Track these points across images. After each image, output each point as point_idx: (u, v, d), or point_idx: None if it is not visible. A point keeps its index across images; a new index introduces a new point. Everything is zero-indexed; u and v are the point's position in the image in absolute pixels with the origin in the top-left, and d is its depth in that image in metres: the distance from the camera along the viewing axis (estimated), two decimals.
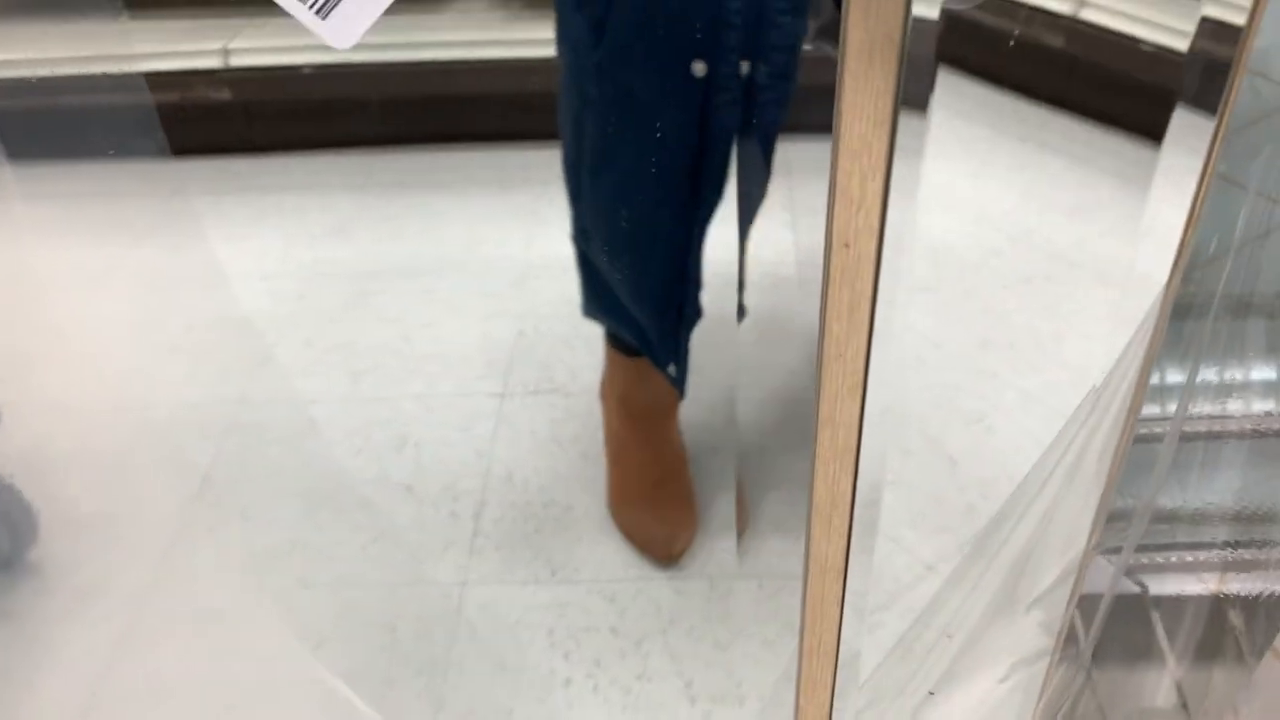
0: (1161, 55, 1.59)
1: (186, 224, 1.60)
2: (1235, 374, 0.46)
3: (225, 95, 1.74)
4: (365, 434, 1.22)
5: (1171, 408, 0.43)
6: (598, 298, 0.99)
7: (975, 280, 1.41)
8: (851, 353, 0.27)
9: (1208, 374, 0.46)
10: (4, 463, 1.10)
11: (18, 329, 1.25)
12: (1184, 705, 0.46)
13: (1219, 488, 0.47)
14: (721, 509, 1.09)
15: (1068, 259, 1.45)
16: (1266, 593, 0.44)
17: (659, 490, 1.06)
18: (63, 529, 1.15)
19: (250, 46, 1.74)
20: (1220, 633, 0.47)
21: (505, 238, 1.53)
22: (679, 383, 0.98)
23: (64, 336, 1.31)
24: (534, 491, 1.13)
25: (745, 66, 0.77)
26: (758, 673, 0.94)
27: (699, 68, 0.77)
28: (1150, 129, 1.65)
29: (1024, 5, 1.62)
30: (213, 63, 1.74)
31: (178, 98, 1.73)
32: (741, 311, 0.98)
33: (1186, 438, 0.45)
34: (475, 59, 1.71)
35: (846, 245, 0.25)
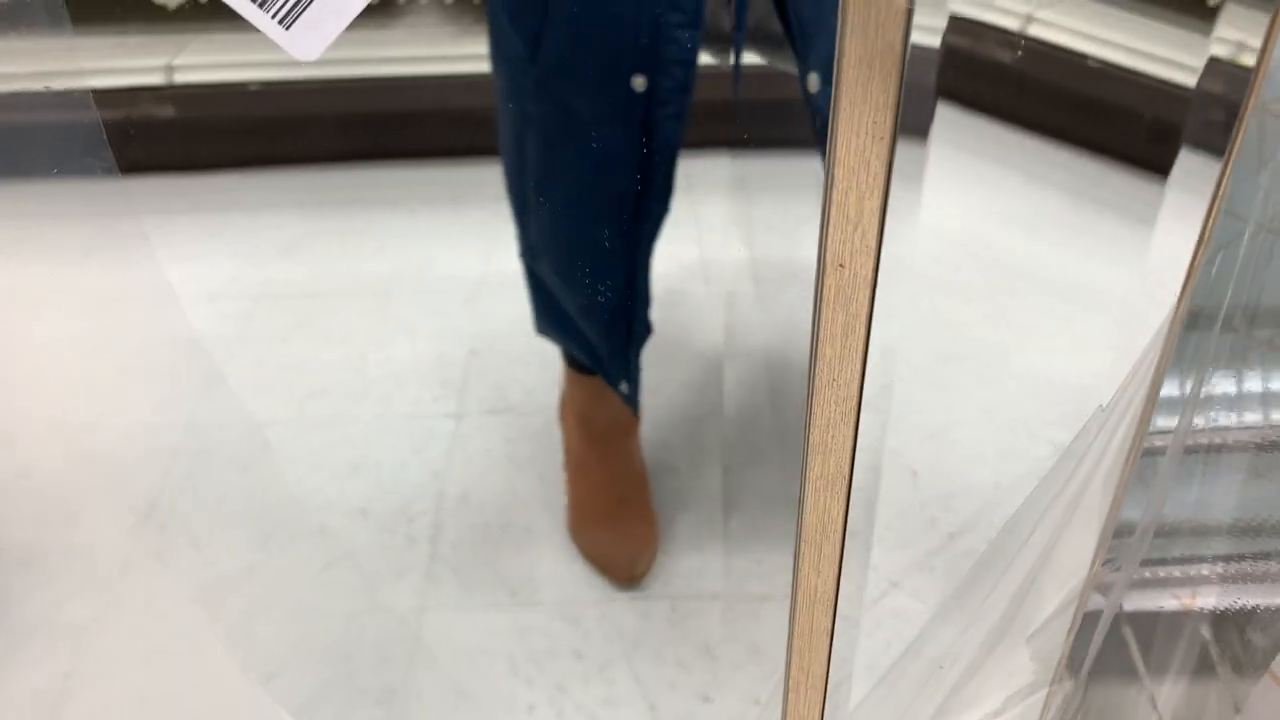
0: (1109, 72, 1.61)
1: (132, 244, 1.56)
2: (1235, 388, 0.46)
3: (169, 112, 1.70)
4: (318, 457, 1.19)
5: (1173, 422, 0.43)
6: (549, 315, 0.98)
7: (935, 293, 1.42)
8: (845, 378, 0.26)
9: (1209, 387, 0.46)
10: None
11: None
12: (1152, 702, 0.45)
13: (1217, 501, 0.46)
14: (683, 528, 1.08)
15: (1023, 272, 1.46)
16: (1263, 606, 0.44)
17: (620, 510, 1.04)
18: (3, 562, 1.11)
19: (195, 63, 1.71)
20: (1217, 648, 0.47)
21: (458, 255, 1.51)
22: (632, 401, 0.97)
23: (5, 359, 1.27)
24: (492, 513, 1.11)
25: (641, 82, 0.76)
26: (724, 695, 0.93)
27: (639, 82, 0.76)
28: (1101, 145, 1.67)
29: (975, 23, 1.63)
30: (156, 79, 1.70)
31: (122, 115, 1.69)
32: (648, 329, 0.96)
33: (1189, 450, 0.45)
34: (426, 74, 1.70)
35: (841, 265, 0.24)
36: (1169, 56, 1.58)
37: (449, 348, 1.33)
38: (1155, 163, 1.62)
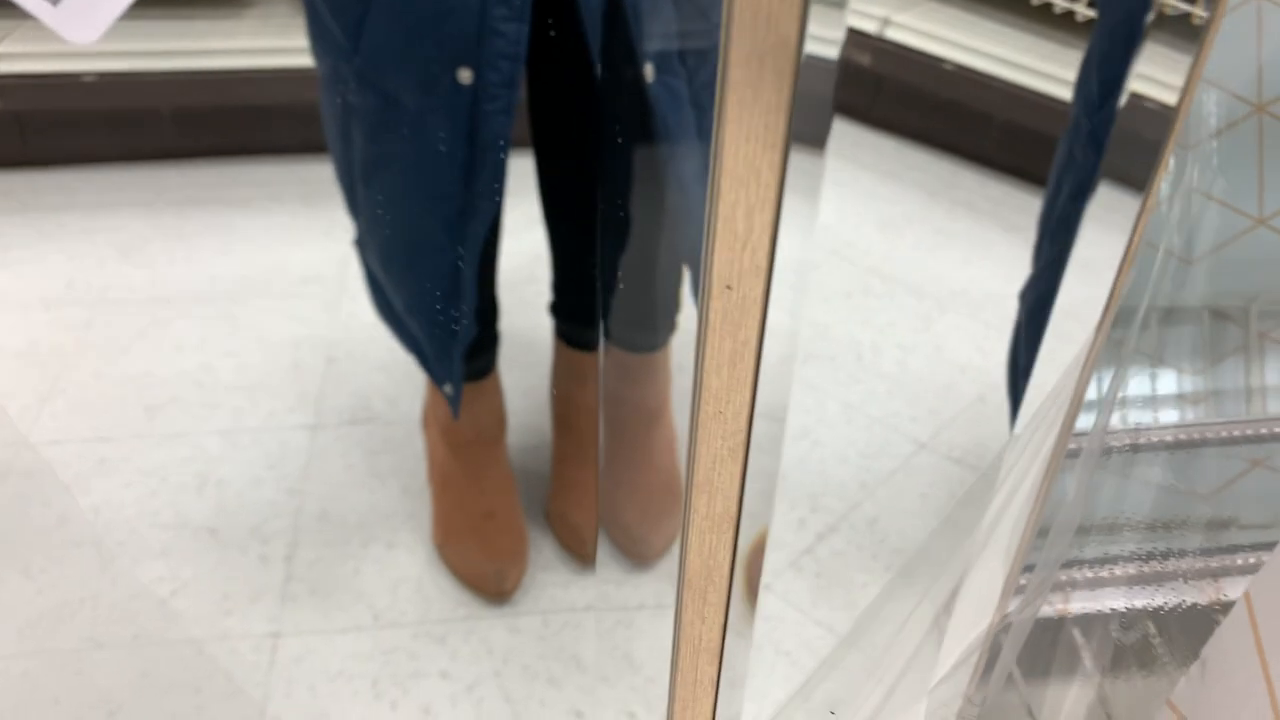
0: (964, 75, 1.65)
1: None
2: (1147, 388, 0.46)
3: None
4: (162, 474, 1.12)
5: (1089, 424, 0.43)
6: (379, 308, 0.95)
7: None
8: (733, 410, 0.24)
9: (1125, 389, 0.46)
10: None
11: None
12: (1108, 717, 0.45)
13: (1133, 500, 0.47)
14: (553, 539, 1.05)
15: (881, 272, 1.48)
16: (1181, 604, 0.45)
17: (487, 523, 1.01)
18: None
19: (22, 51, 1.59)
20: (1139, 647, 0.48)
21: (313, 258, 1.45)
22: (454, 403, 0.94)
23: None
24: (352, 529, 1.07)
25: (467, 75, 0.74)
26: (597, 710, 0.91)
27: (465, 75, 0.74)
28: (956, 146, 1.71)
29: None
30: None
31: None
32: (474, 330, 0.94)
33: (1105, 451, 0.45)
34: (277, 67, 1.62)
35: (729, 287, 0.22)
36: (1023, 62, 1.63)
37: (305, 356, 1.27)
38: (1009, 165, 1.67)
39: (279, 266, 1.42)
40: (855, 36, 1.71)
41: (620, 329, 1.05)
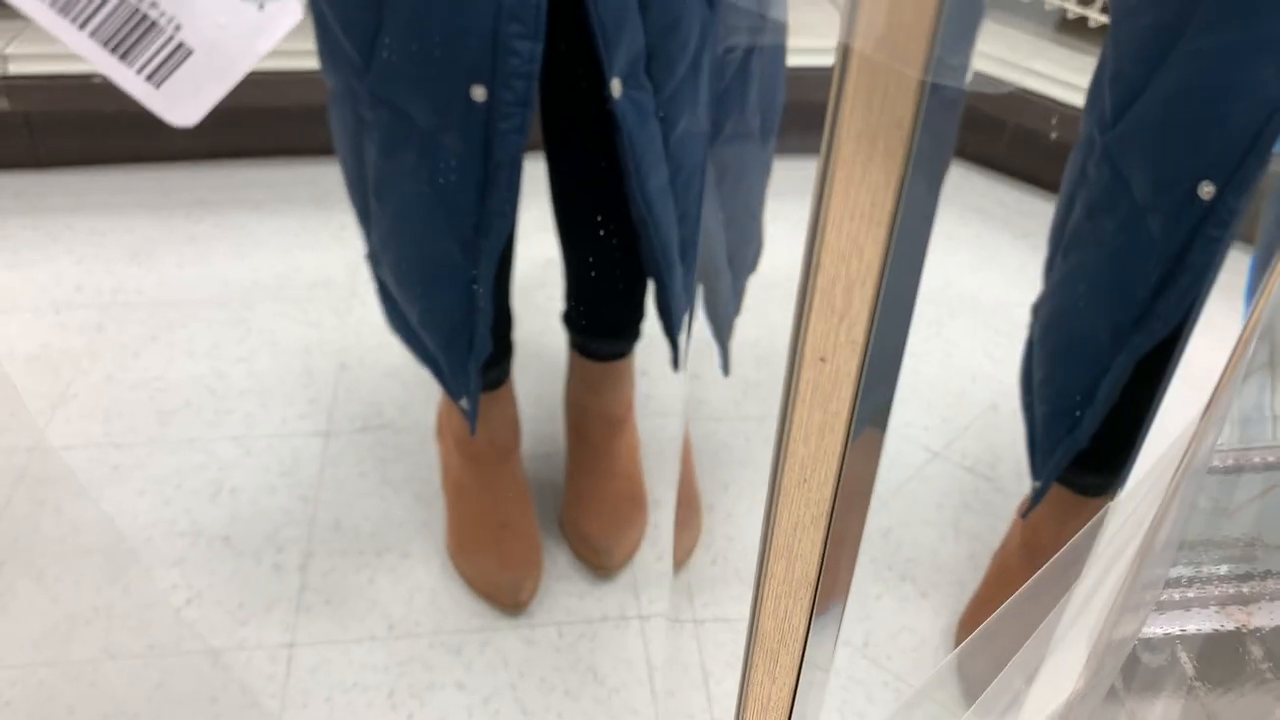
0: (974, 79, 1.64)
1: None
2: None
3: (3, 105, 1.58)
4: (176, 481, 1.12)
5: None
6: (394, 319, 0.95)
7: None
8: (819, 480, 0.24)
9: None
10: None
11: None
12: None
13: (1238, 518, 0.46)
14: (569, 550, 1.05)
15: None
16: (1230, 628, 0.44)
17: (502, 533, 1.01)
18: None
19: (31, 52, 1.59)
20: (1242, 665, 0.47)
21: (325, 262, 1.44)
22: (470, 418, 0.93)
23: None
24: (365, 539, 1.06)
25: (481, 93, 0.73)
26: None
27: (479, 93, 0.73)
28: (965, 151, 1.70)
29: None
30: None
31: None
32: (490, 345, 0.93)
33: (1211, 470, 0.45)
34: (287, 69, 1.62)
35: (823, 359, 0.22)
36: (1035, 67, 1.63)
37: (317, 362, 1.27)
38: (1020, 170, 1.67)
39: (290, 270, 1.42)
40: None
41: (584, 338, 1.05)
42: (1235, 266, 0.76)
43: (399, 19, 0.71)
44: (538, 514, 1.06)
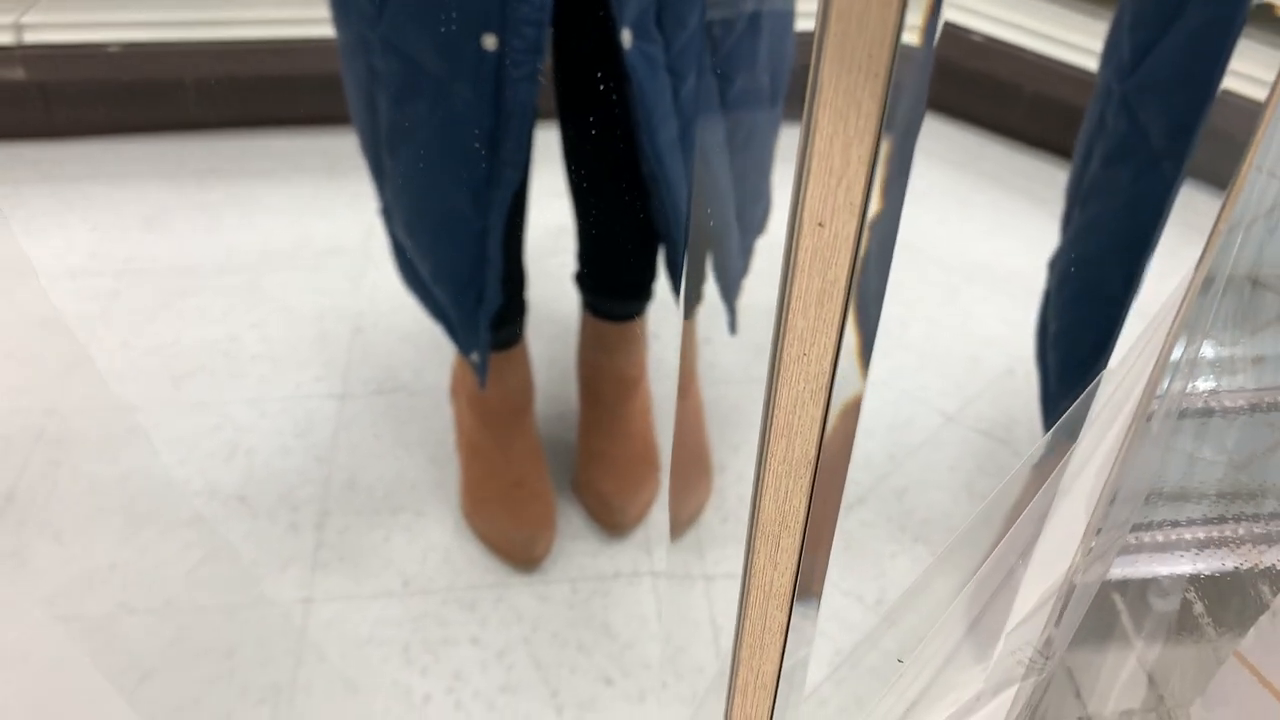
0: (992, 47, 1.63)
1: None
2: (1234, 350, 0.45)
3: (19, 75, 1.58)
4: (191, 443, 1.13)
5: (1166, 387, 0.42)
6: (405, 276, 0.95)
7: None
8: (818, 351, 0.24)
9: (1207, 350, 0.45)
10: None
11: None
12: (1152, 681, 0.45)
13: (1204, 465, 0.46)
14: (581, 507, 1.05)
15: (908, 245, 1.47)
16: (1244, 567, 0.44)
17: (516, 492, 1.01)
18: None
19: (46, 21, 1.59)
20: (1189, 615, 0.47)
21: (337, 229, 1.44)
22: (480, 372, 0.93)
23: None
24: (380, 498, 1.07)
25: (492, 41, 0.73)
26: (626, 677, 0.91)
27: (490, 41, 0.73)
28: (980, 118, 1.69)
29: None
30: (3, 39, 1.58)
31: None
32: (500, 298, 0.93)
33: (1182, 415, 0.44)
34: (299, 37, 1.62)
35: (821, 224, 0.22)
36: (1052, 33, 1.61)
37: (331, 326, 1.27)
38: (1036, 137, 1.66)
39: (303, 237, 1.42)
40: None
41: (596, 298, 1.05)
42: None
43: None
44: (551, 474, 1.06)
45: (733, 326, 1.03)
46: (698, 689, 0.90)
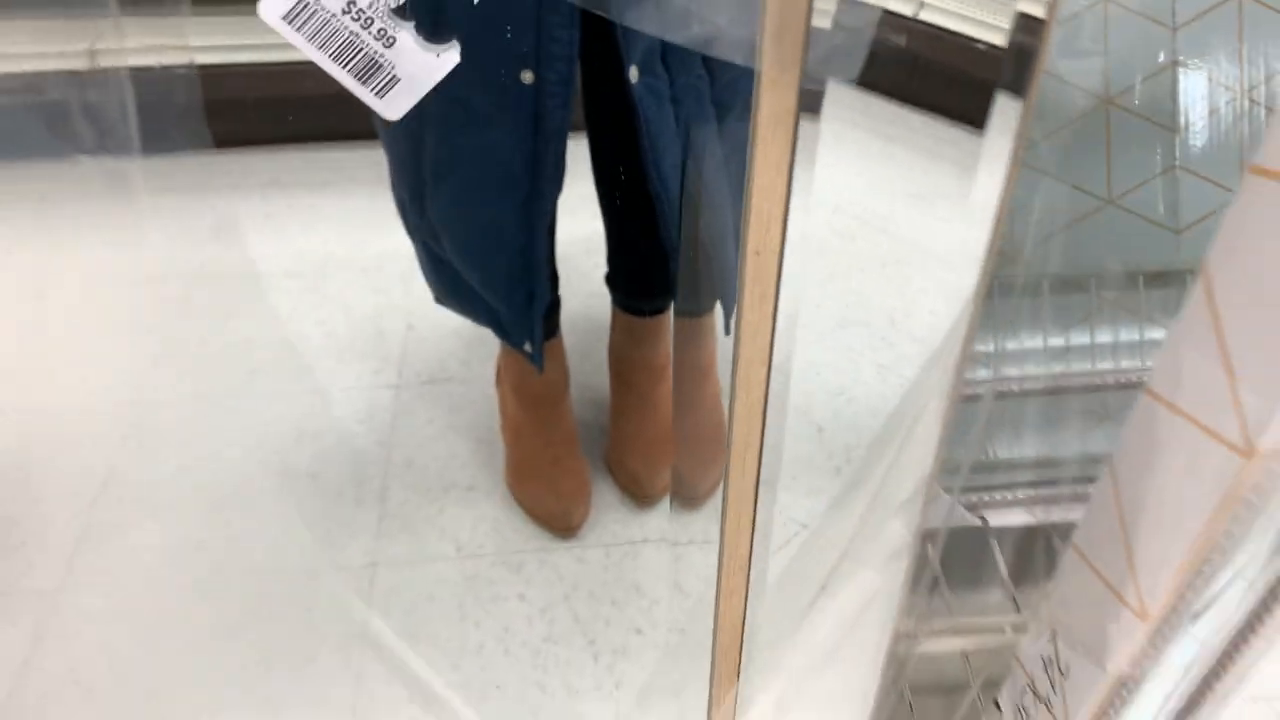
0: (993, 54, 1.74)
1: (66, 227, 1.60)
2: (1037, 341, 0.56)
3: (93, 98, 1.73)
4: (264, 429, 1.27)
5: (988, 371, 0.54)
6: (448, 288, 1.07)
7: (834, 264, 1.54)
8: (762, 334, 0.36)
9: (1017, 343, 0.56)
10: None
11: None
12: (1014, 601, 0.57)
13: (1025, 439, 0.58)
14: (613, 483, 1.18)
15: (913, 242, 1.58)
16: (1060, 521, 0.56)
17: (555, 468, 1.14)
18: None
19: (118, 48, 1.73)
20: (1035, 551, 0.59)
21: (390, 235, 1.57)
22: (536, 360, 1.05)
23: None
24: (434, 476, 1.20)
25: (529, 76, 0.84)
26: (653, 627, 1.04)
27: (528, 76, 0.84)
28: (977, 119, 1.80)
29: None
30: (79, 64, 1.73)
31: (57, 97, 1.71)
32: (549, 294, 1.04)
33: (1000, 396, 0.56)
34: None
35: (757, 253, 0.34)
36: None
37: (387, 323, 1.41)
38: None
39: (359, 243, 1.56)
40: (891, 18, 1.80)
41: (625, 296, 1.18)
42: None
43: (456, 18, 0.84)
44: (586, 452, 1.19)
45: (727, 329, 1.15)
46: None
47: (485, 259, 0.98)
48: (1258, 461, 0.29)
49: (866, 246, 1.58)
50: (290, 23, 0.36)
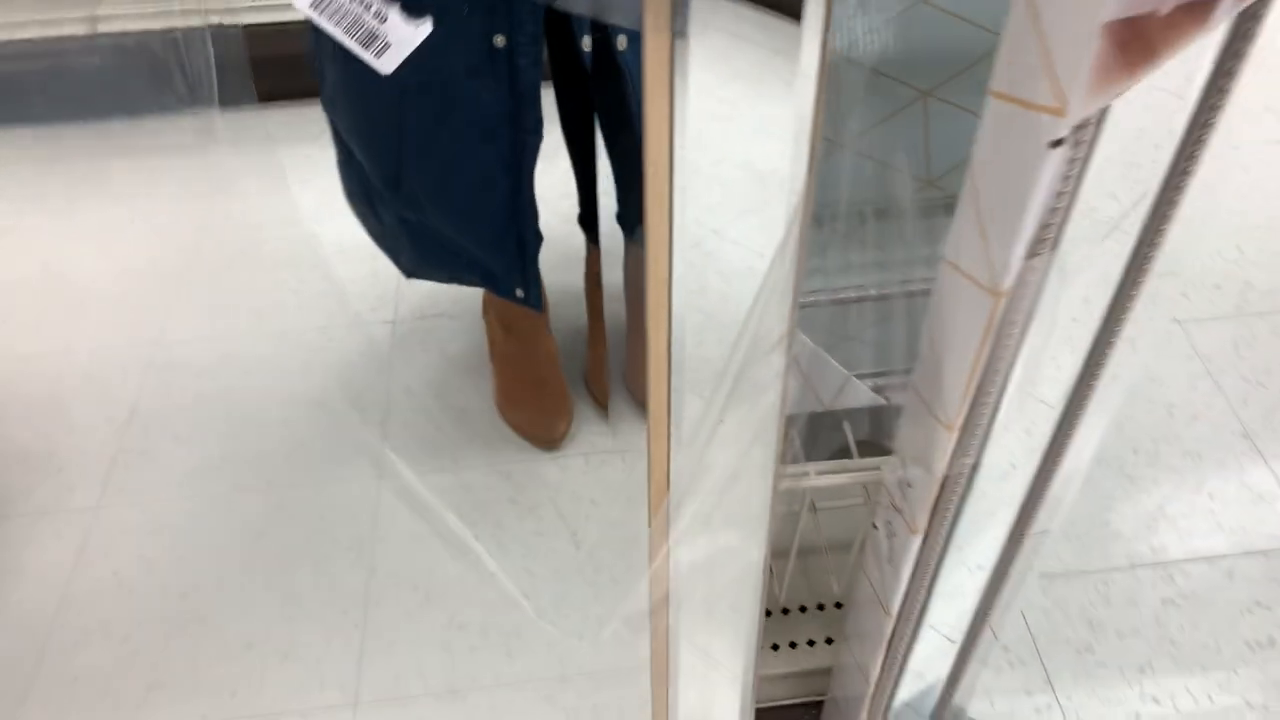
0: None
1: (71, 187, 1.71)
2: (858, 258, 0.69)
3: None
4: (275, 363, 1.39)
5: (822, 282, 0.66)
6: (426, 258, 1.15)
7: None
8: (660, 233, 0.48)
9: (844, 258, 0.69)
10: None
11: None
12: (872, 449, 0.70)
13: (867, 337, 0.71)
14: (589, 401, 1.31)
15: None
16: (890, 404, 0.69)
17: (538, 388, 1.27)
18: (8, 464, 1.29)
19: (180, 9, 1.83)
20: (879, 426, 0.73)
21: None
22: (532, 303, 1.14)
23: None
24: (431, 400, 1.33)
25: (501, 40, 0.93)
26: (629, 520, 1.18)
27: (500, 40, 0.93)
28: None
29: None
30: (195, 21, 1.83)
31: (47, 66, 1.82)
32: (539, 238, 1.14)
33: (838, 304, 0.69)
34: None
35: (653, 166, 0.46)
36: None
37: (382, 265, 1.52)
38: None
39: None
40: None
41: (595, 234, 1.29)
42: None
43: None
44: (566, 373, 1.32)
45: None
46: None
47: (474, 216, 1.06)
48: (1001, 299, 0.42)
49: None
50: (315, 9, 0.47)
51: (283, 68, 1.88)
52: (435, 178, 1.04)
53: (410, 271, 1.19)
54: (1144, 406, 1.23)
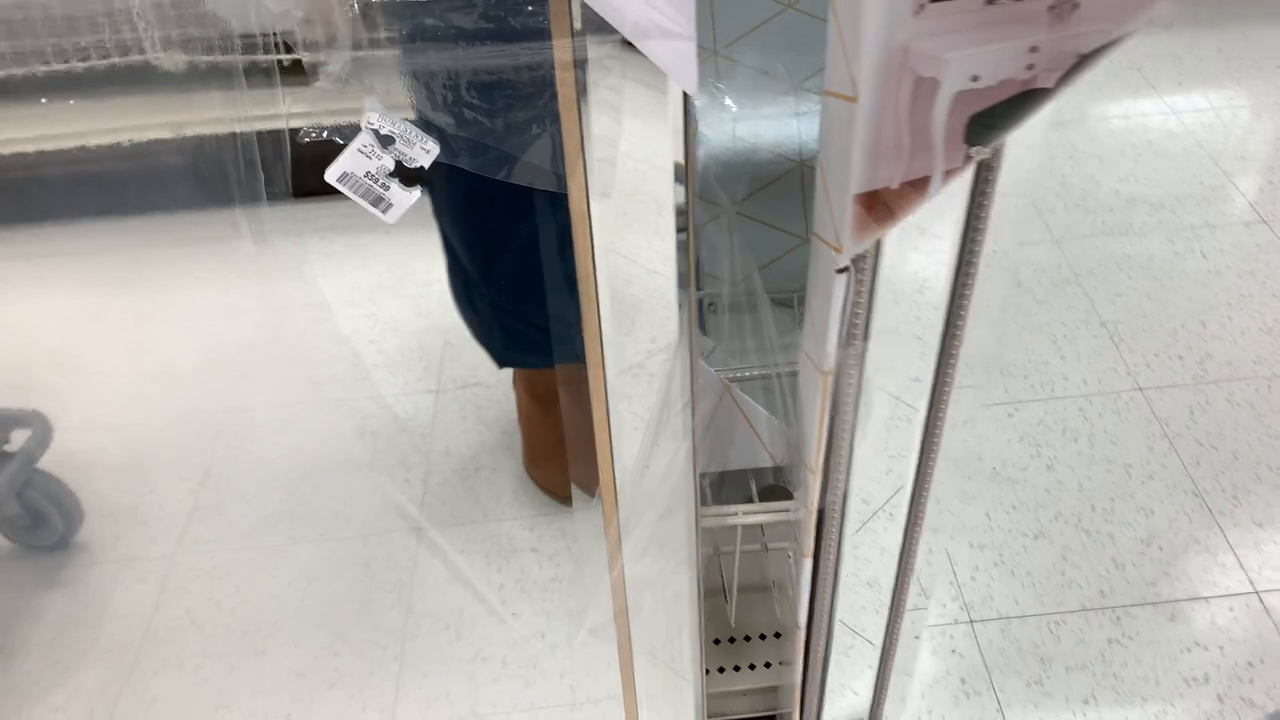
0: None
1: (155, 272, 1.92)
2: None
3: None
4: (330, 428, 1.57)
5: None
6: (522, 346, 1.31)
7: None
8: (592, 312, 0.63)
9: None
10: (53, 464, 1.43)
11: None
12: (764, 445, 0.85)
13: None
14: None
15: None
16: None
17: (559, 451, 1.43)
18: (99, 516, 1.47)
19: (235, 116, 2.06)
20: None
21: (430, 267, 1.88)
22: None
23: (73, 370, 1.63)
24: (467, 460, 1.49)
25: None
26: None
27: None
28: None
29: None
30: (164, 133, 2.05)
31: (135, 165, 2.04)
32: None
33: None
34: None
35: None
36: None
37: (428, 340, 1.71)
38: None
39: (406, 274, 1.86)
40: None
41: None
42: None
43: None
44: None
45: None
46: None
47: (539, 288, 1.22)
48: (829, 376, 0.57)
49: None
50: (340, 182, 0.65)
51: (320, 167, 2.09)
52: (520, 262, 1.19)
53: (502, 360, 1.34)
54: (1103, 466, 1.35)
